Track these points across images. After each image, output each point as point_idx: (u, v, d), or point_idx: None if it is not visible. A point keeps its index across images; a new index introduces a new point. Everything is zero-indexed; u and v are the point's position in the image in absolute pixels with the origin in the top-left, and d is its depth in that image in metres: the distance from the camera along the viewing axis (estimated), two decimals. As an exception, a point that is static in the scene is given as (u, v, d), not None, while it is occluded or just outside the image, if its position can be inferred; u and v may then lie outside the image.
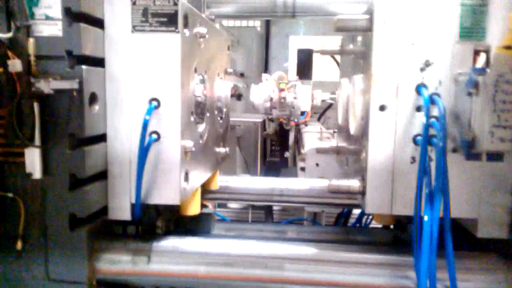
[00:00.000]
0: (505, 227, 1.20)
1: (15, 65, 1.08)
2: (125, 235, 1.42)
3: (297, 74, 3.49)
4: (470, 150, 1.12)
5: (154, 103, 1.24)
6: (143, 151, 1.22)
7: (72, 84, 1.13)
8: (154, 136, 1.24)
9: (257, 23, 4.52)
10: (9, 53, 1.09)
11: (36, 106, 1.15)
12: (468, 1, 1.16)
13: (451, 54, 1.18)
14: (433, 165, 1.14)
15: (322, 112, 3.60)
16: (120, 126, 1.27)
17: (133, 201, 1.27)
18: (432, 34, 1.18)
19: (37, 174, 1.17)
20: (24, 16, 1.11)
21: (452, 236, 1.11)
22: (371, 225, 2.28)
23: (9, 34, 1.09)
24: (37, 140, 1.16)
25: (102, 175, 1.26)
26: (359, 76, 1.34)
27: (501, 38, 1.10)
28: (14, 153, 1.20)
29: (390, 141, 1.22)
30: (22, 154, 1.18)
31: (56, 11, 1.15)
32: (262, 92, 2.99)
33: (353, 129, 1.39)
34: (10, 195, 1.21)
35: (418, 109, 1.19)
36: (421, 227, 1.10)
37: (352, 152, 1.53)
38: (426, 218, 1.07)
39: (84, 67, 1.16)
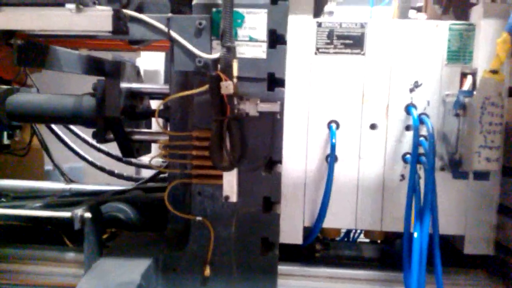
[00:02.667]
0: (491, 244, 1.24)
1: (228, 87, 1.03)
2: (285, 258, 1.30)
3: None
4: (457, 169, 1.16)
5: (334, 125, 1.23)
6: (331, 174, 1.20)
7: (275, 107, 1.11)
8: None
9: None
10: (221, 75, 1.04)
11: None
12: (455, 26, 1.22)
13: (439, 76, 1.22)
14: (421, 182, 1.17)
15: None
16: (296, 147, 1.25)
17: (306, 224, 1.26)
18: (421, 56, 1.22)
19: (234, 197, 1.13)
20: (231, 37, 1.05)
21: (441, 252, 1.14)
22: (358, 240, 2.30)
23: (217, 55, 1.06)
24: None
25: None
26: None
27: (488, 62, 1.14)
28: (207, 176, 1.16)
29: (380, 159, 1.25)
30: (215, 177, 1.14)
31: (261, 33, 1.11)
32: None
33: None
34: (199, 218, 1.17)
35: (407, 128, 1.23)
36: (410, 243, 1.12)
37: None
38: (416, 234, 1.09)
39: (282, 89, 1.14)
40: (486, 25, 1.19)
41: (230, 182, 1.13)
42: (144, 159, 1.69)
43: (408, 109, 1.22)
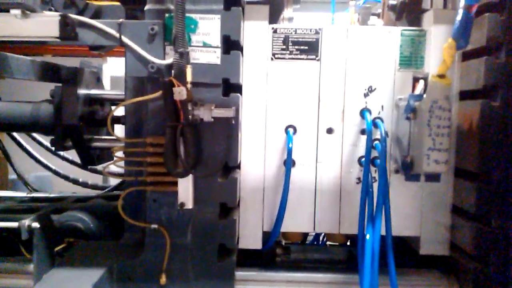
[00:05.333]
0: (446, 244, 1.27)
1: (181, 92, 1.01)
2: (246, 263, 1.30)
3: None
4: (409, 171, 1.18)
5: (291, 130, 1.24)
6: (287, 179, 1.21)
7: (230, 112, 1.10)
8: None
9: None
10: (174, 81, 1.02)
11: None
12: (407, 32, 1.25)
13: (392, 80, 1.25)
14: (377, 185, 1.19)
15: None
16: (254, 152, 1.25)
17: (266, 229, 1.25)
18: (375, 62, 1.25)
19: (189, 203, 1.11)
20: (184, 43, 1.04)
21: (398, 253, 1.15)
22: (328, 243, 2.31)
23: (170, 60, 1.05)
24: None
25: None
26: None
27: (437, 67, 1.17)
28: (162, 183, 1.15)
29: (337, 162, 1.26)
30: (171, 184, 1.13)
31: (214, 39, 1.11)
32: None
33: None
34: (154, 226, 1.16)
35: (363, 132, 1.25)
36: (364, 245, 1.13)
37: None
38: (368, 236, 1.11)
39: (238, 95, 1.15)
40: (437, 31, 1.22)
41: (185, 189, 1.12)
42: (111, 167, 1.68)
43: (363, 113, 1.24)
